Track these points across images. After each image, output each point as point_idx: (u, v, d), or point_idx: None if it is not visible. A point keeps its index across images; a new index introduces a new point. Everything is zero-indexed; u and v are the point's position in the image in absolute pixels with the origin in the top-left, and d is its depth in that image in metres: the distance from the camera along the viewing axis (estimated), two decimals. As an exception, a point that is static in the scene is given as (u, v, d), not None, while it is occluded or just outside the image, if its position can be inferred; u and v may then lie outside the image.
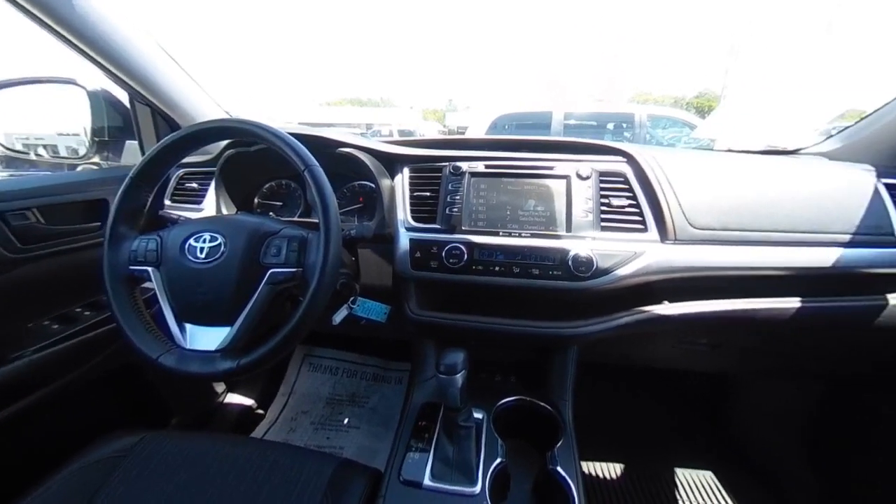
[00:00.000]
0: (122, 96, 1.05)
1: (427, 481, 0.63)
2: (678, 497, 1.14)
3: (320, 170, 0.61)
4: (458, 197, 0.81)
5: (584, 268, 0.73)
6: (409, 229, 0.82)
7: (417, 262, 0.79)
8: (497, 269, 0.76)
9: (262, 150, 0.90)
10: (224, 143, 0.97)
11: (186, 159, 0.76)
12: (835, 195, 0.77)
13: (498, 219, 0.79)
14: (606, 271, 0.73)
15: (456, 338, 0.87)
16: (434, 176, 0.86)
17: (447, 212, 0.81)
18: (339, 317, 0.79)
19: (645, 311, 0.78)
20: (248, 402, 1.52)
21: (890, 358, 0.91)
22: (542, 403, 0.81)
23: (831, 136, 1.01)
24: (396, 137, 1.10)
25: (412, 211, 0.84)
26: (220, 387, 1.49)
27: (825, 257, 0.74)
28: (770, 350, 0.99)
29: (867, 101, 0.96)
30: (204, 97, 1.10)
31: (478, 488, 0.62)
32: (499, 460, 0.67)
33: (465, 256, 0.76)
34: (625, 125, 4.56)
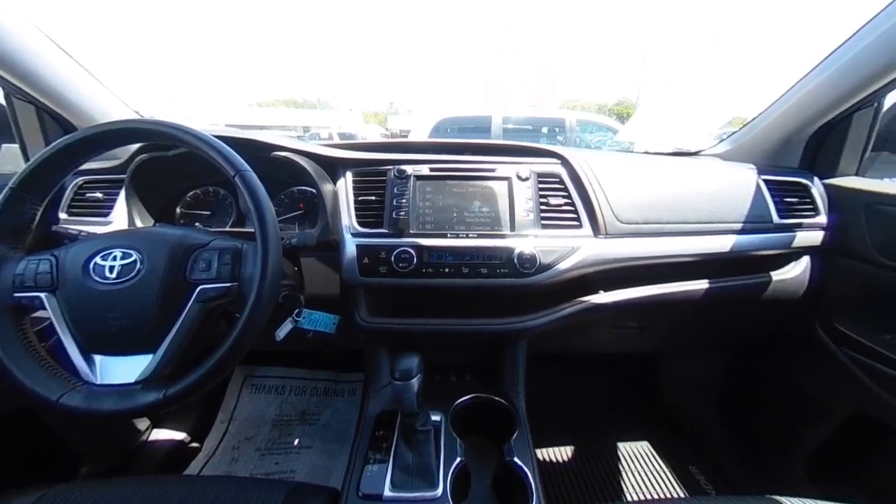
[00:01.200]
0: (-5, 91, 0.88)
1: (387, 492, 0.61)
2: (622, 468, 1.25)
3: (253, 175, 0.57)
4: (404, 200, 0.81)
5: (528, 264, 0.77)
6: (355, 235, 0.79)
7: (365, 268, 0.77)
8: (447, 270, 0.77)
9: (182, 154, 0.81)
10: (133, 147, 0.85)
11: (85, 166, 0.66)
12: (728, 191, 0.91)
13: (445, 221, 0.80)
14: (548, 266, 0.78)
15: (409, 342, 0.86)
16: (379, 180, 0.84)
17: (394, 216, 0.80)
18: (282, 332, 0.74)
19: (584, 301, 0.84)
20: (180, 435, 1.35)
21: (774, 326, 1.09)
22: (496, 398, 0.83)
23: (723, 139, 1.18)
24: (337, 141, 1.06)
25: (357, 216, 0.81)
26: (142, 423, 1.31)
27: (724, 244, 0.87)
28: (687, 328, 1.13)
29: (749, 109, 1.15)
30: (107, 95, 0.96)
31: (439, 491, 0.62)
32: (458, 459, 0.67)
33: (415, 260, 0.76)
34: (557, 129, 4.89)
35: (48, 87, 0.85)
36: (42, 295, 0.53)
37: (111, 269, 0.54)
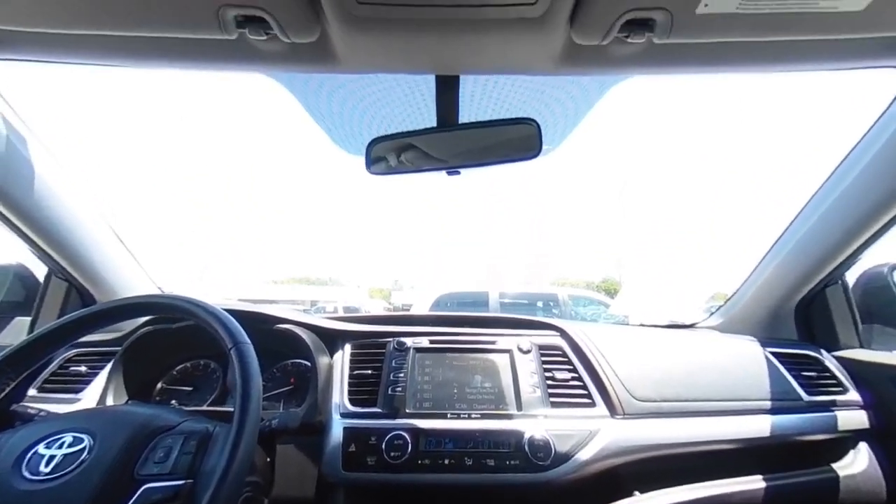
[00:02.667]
0: (40, 269, 0.98)
1: None
2: None
3: (250, 347, 0.56)
4: (402, 374, 0.77)
5: (542, 453, 0.65)
6: (344, 415, 0.71)
7: (351, 458, 0.65)
8: (447, 462, 0.65)
9: (186, 326, 0.82)
10: (142, 319, 0.88)
11: (87, 338, 0.66)
12: (741, 364, 0.87)
13: (445, 398, 0.74)
14: (566, 456, 0.66)
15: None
16: (377, 352, 0.83)
17: (389, 391, 0.74)
18: None
19: (619, 508, 0.67)
20: None
21: None
22: None
23: (713, 312, 1.23)
24: (341, 314, 1.10)
25: (350, 392, 0.75)
26: None
27: (759, 427, 0.76)
28: None
29: (726, 286, 1.24)
30: (137, 271, 1.06)
31: None
32: None
33: (409, 447, 0.65)
34: (552, 303, 5.15)
35: (90, 267, 0.94)
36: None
37: (49, 460, 0.46)
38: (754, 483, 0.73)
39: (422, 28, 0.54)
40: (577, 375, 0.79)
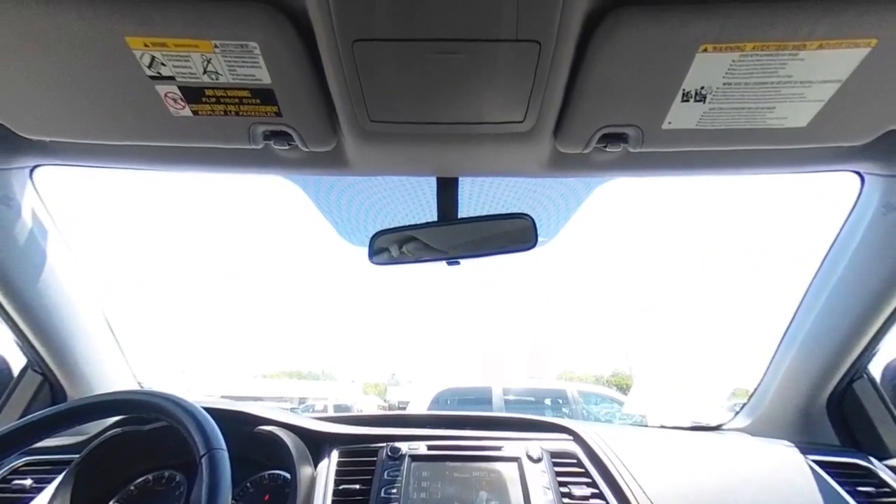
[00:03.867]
0: (17, 362, 0.92)
1: None
2: None
3: (225, 455, 0.49)
4: (394, 490, 0.66)
5: None
6: (323, 547, 0.59)
7: None
8: None
9: (157, 429, 0.74)
10: (110, 421, 0.80)
11: (46, 442, 0.59)
12: (780, 475, 0.76)
13: (444, 522, 0.62)
14: None
15: None
16: (367, 461, 0.73)
17: (379, 514, 0.63)
18: None
19: None
20: None
21: None
22: None
23: (737, 412, 1.12)
24: (331, 413, 1.00)
25: (333, 514, 0.64)
26: None
27: None
28: None
29: (745, 381, 1.16)
30: (120, 363, 1.00)
31: None
32: None
33: None
34: (560, 401, 4.74)
35: (73, 360, 0.89)
36: None
37: None
38: None
39: (425, 139, 0.61)
40: (597, 491, 0.68)
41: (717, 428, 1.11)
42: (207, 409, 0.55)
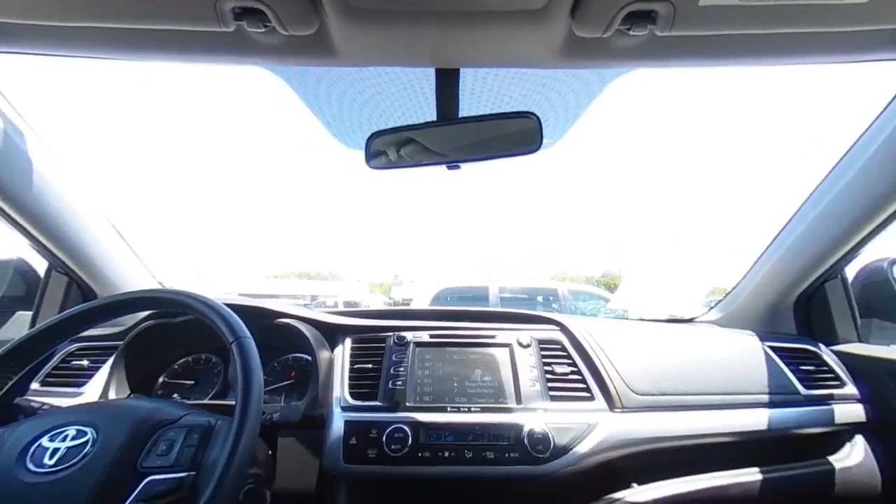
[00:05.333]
0: (40, 263, 0.98)
1: None
2: None
3: (251, 341, 0.56)
4: (402, 368, 0.77)
5: (541, 446, 0.66)
6: (345, 408, 0.72)
7: (352, 451, 0.66)
8: (447, 454, 0.66)
9: (186, 321, 0.83)
10: (143, 313, 0.88)
11: (88, 332, 0.66)
12: (739, 358, 0.88)
13: (445, 392, 0.74)
14: (565, 449, 0.67)
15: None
16: (377, 346, 0.83)
17: (390, 385, 0.74)
18: None
19: (615, 500, 0.68)
20: None
21: None
22: None
23: (712, 307, 1.23)
24: (342, 308, 1.10)
25: (351, 386, 0.76)
26: None
27: (756, 420, 0.77)
28: None
29: (726, 280, 1.24)
30: (138, 266, 1.06)
31: None
32: None
33: (410, 440, 0.66)
34: (551, 298, 5.16)
35: (90, 262, 0.95)
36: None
37: (54, 452, 0.46)
38: (751, 475, 0.74)
39: (421, 20, 0.53)
40: (576, 370, 0.80)
41: (690, 320, 1.24)
42: (229, 306, 0.61)
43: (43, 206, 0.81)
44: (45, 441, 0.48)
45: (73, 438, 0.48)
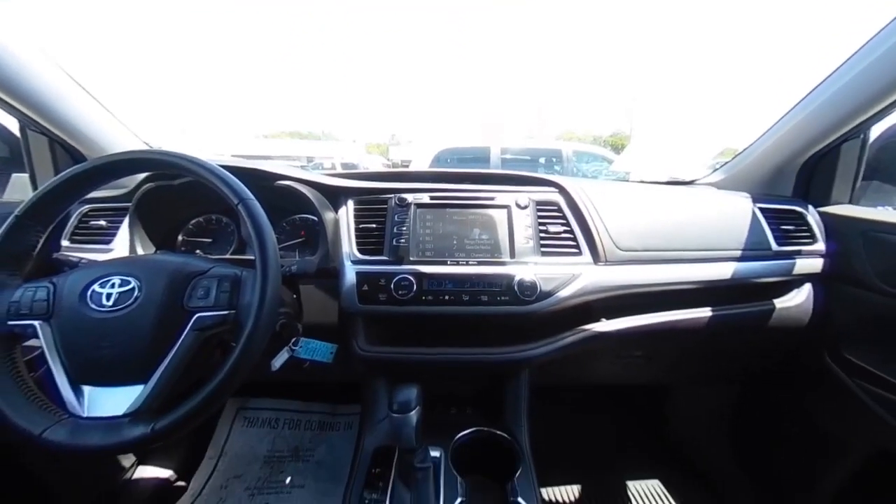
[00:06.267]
0: (12, 124, 0.92)
1: None
2: None
3: (256, 203, 0.58)
4: (404, 228, 0.82)
5: (528, 292, 0.76)
6: (355, 262, 0.79)
7: (365, 295, 0.77)
8: (447, 297, 0.77)
9: (187, 183, 0.83)
10: (141, 176, 0.88)
11: (92, 194, 0.67)
12: (726, 219, 0.92)
13: (445, 248, 0.81)
14: (549, 293, 0.77)
15: (408, 373, 0.84)
16: (380, 208, 0.86)
17: (394, 243, 0.80)
18: (278, 361, 0.73)
19: (586, 330, 0.83)
20: (166, 473, 1.29)
21: (783, 356, 1.06)
22: (499, 433, 0.80)
23: (716, 169, 1.21)
24: (339, 170, 1.09)
25: (358, 243, 0.82)
26: (127, 459, 1.25)
27: (724, 271, 0.86)
28: (694, 358, 1.11)
29: (739, 140, 1.19)
30: (119, 127, 1.00)
31: (438, 535, 0.58)
32: (459, 500, 0.64)
33: (414, 287, 0.76)
34: (554, 160, 5.02)
35: (62, 119, 0.88)
36: (36, 323, 0.53)
37: (108, 296, 0.54)
38: (701, 313, 0.88)
39: None
40: (569, 229, 0.85)
41: (690, 183, 1.24)
42: (226, 168, 0.60)
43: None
44: (96, 287, 0.55)
45: (120, 286, 0.55)
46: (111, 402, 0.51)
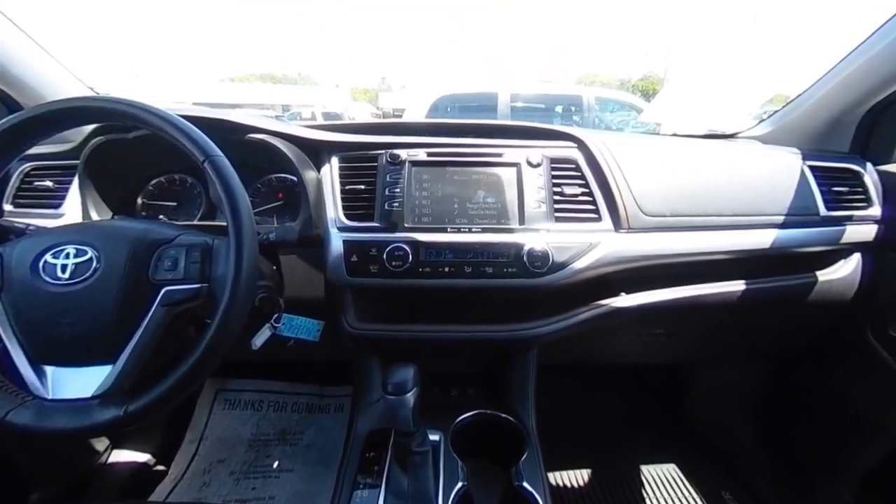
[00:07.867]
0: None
1: None
2: (645, 495, 1.25)
3: (225, 160, 0.57)
4: (397, 189, 0.81)
5: (539, 262, 0.76)
6: (341, 229, 0.79)
7: (354, 267, 0.77)
8: (447, 269, 0.77)
9: (143, 137, 0.81)
10: (89, 128, 0.85)
11: (33, 150, 0.65)
12: (769, 179, 0.90)
13: (445, 213, 0.80)
14: (563, 265, 0.78)
15: (404, 351, 0.86)
16: (369, 166, 0.84)
17: (386, 207, 0.80)
18: (260, 339, 0.74)
19: (603, 305, 0.84)
20: (143, 457, 1.36)
21: (819, 333, 1.09)
22: (503, 415, 0.83)
23: (763, 120, 1.18)
24: (321, 121, 1.06)
25: (345, 207, 0.81)
26: (100, 443, 1.32)
27: (763, 239, 0.86)
28: (722, 335, 1.13)
29: (791, 87, 1.14)
30: (59, 70, 0.96)
31: (438, 520, 0.62)
32: (460, 485, 0.68)
33: (410, 258, 0.76)
34: (573, 108, 4.87)
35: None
36: (-16, 297, 0.53)
37: (63, 267, 0.54)
38: (733, 286, 0.88)
39: None
40: (587, 191, 0.84)
41: (732, 136, 1.21)
42: (186, 118, 0.58)
43: None
44: (49, 258, 0.55)
45: (76, 256, 0.55)
46: (77, 383, 0.53)
